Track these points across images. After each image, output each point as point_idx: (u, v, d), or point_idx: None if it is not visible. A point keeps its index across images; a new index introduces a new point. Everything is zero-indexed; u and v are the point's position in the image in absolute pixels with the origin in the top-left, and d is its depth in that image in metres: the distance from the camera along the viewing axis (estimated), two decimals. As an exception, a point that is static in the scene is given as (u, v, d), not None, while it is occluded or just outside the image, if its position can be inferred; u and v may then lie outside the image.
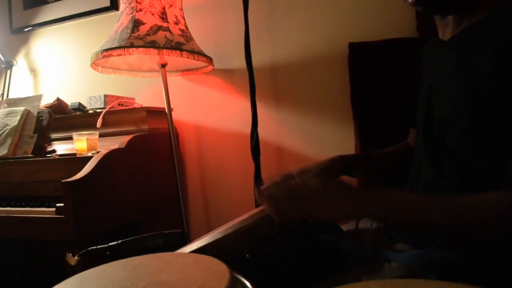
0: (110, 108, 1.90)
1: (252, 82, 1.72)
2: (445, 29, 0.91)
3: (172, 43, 1.68)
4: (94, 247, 0.91)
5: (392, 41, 1.63)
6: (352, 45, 1.68)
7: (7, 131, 1.85)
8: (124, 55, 1.66)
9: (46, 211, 1.52)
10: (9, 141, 1.82)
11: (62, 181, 1.46)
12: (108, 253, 0.90)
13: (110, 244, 0.92)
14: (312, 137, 1.87)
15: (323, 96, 1.84)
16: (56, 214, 1.48)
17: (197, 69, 1.98)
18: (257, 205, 1.61)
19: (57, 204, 1.48)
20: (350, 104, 1.68)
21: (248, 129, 1.72)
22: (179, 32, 1.76)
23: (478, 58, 0.75)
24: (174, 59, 1.80)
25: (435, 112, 0.87)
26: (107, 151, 1.63)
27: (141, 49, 1.64)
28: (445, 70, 0.87)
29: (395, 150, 1.22)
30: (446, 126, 0.81)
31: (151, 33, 1.68)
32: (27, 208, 1.58)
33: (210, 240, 0.81)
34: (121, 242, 0.91)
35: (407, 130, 1.22)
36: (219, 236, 0.80)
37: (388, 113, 1.61)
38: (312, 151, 1.87)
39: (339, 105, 1.79)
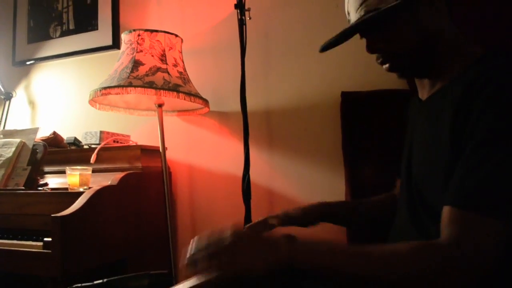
0: (105, 144, 1.92)
1: (246, 125, 1.76)
2: (423, 90, 0.95)
3: (170, 85, 1.72)
4: (79, 285, 0.91)
5: (383, 92, 1.68)
6: (344, 94, 1.73)
7: (1, 162, 1.86)
8: (122, 93, 1.70)
9: (33, 245, 1.50)
10: (2, 172, 1.83)
11: (52, 215, 1.45)
12: (92, 291, 0.90)
13: (95, 282, 0.92)
14: (304, 182, 1.89)
15: (315, 142, 1.88)
16: (43, 249, 1.46)
17: (193, 110, 2.02)
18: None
19: (45, 239, 1.47)
20: (342, 151, 1.71)
21: (240, 172, 1.75)
22: (177, 74, 1.81)
23: (444, 118, 0.78)
24: (171, 99, 1.84)
25: (413, 170, 0.90)
26: (99, 187, 1.63)
27: (139, 88, 1.68)
28: (421, 129, 0.90)
29: (382, 200, 1.22)
30: (423, 184, 0.84)
31: (150, 74, 1.72)
32: (14, 241, 1.56)
33: (194, 284, 0.81)
34: (106, 280, 0.91)
35: (396, 178, 1.23)
36: (202, 279, 0.80)
37: (378, 161, 1.64)
38: (303, 196, 1.88)
39: (331, 151, 1.82)
